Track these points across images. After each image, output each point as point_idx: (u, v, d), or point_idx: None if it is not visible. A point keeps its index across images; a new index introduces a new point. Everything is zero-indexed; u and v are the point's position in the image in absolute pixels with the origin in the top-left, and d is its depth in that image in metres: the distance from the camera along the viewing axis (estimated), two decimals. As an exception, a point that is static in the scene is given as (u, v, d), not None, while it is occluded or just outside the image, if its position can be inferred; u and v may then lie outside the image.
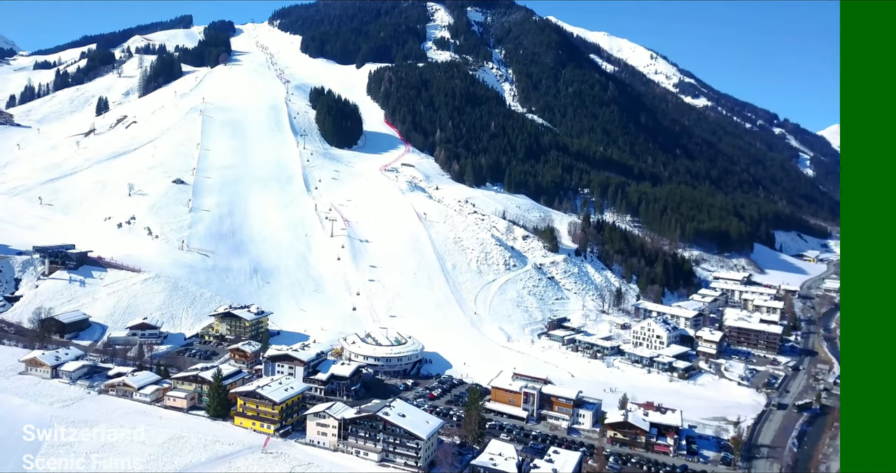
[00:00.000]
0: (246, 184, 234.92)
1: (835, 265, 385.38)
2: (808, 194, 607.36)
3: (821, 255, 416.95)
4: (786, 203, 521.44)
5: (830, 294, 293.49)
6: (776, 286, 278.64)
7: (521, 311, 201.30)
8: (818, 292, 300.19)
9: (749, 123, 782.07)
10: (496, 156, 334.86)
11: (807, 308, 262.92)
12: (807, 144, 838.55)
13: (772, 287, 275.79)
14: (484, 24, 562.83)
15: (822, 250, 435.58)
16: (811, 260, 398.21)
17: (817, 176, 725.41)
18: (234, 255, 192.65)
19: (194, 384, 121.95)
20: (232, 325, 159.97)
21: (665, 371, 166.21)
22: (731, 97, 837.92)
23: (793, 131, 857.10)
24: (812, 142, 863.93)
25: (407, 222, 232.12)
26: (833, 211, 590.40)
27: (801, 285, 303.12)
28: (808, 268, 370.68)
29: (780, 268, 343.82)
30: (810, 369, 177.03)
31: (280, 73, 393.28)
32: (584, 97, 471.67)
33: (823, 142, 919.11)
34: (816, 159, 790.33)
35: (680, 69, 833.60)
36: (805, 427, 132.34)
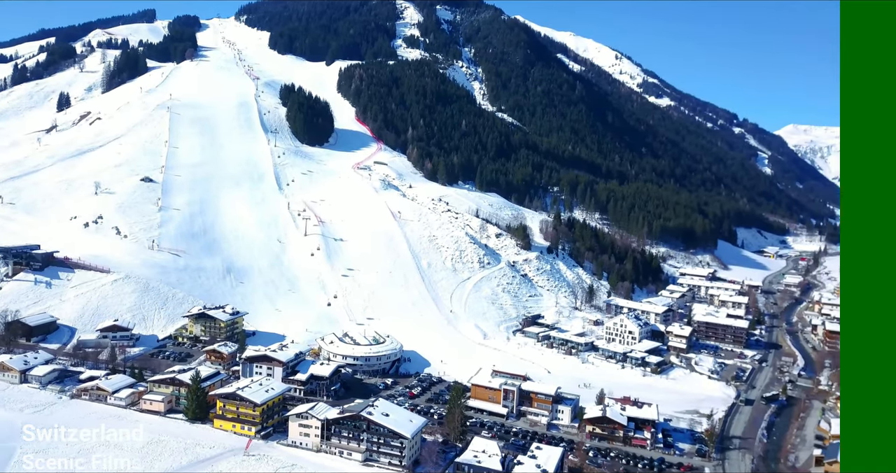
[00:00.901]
0: (217, 183, 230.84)
1: (793, 260, 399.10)
2: (766, 192, 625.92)
3: (780, 251, 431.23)
4: (746, 201, 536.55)
5: (791, 289, 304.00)
6: (740, 281, 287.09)
7: (496, 309, 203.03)
8: (779, 287, 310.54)
9: (710, 123, 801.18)
10: (468, 154, 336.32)
11: (769, 302, 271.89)
12: (765, 143, 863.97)
13: (736, 282, 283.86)
14: (453, 22, 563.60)
15: (780, 246, 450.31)
16: (771, 257, 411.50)
17: (775, 174, 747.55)
18: (206, 255, 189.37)
19: (171, 386, 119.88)
20: (206, 326, 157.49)
21: (638, 366, 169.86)
22: (693, 97, 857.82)
23: (751, 131, 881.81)
24: (770, 142, 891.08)
25: (381, 220, 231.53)
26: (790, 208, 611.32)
27: (762, 280, 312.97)
28: (768, 264, 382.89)
29: (743, 264, 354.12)
30: (775, 362, 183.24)
31: (249, 69, 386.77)
32: (553, 96, 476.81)
33: (780, 142, 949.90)
34: (774, 158, 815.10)
35: (644, 69, 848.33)
36: (773, 418, 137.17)
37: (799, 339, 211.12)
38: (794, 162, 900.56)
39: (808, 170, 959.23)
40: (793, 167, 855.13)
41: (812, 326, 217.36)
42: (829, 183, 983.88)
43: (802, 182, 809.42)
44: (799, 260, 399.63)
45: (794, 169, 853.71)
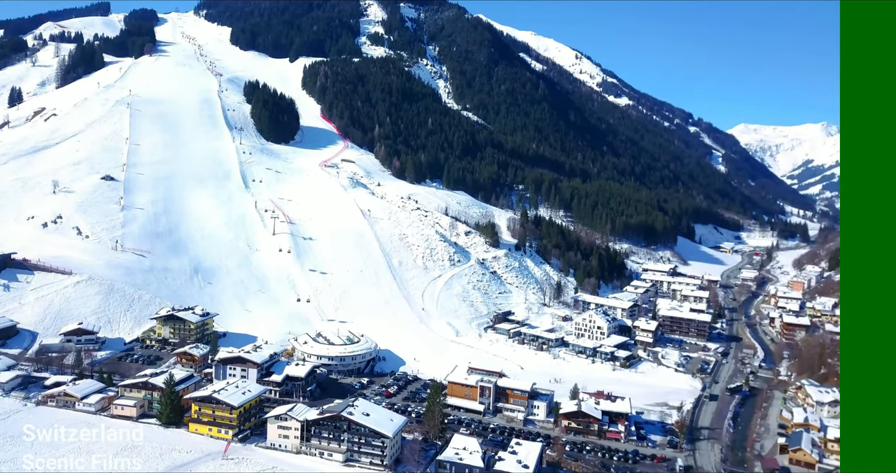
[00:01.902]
0: (181, 181, 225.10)
1: (748, 256, 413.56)
2: (721, 189, 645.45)
3: (735, 247, 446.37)
4: (703, 198, 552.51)
5: (748, 283, 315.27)
6: (700, 276, 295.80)
7: (467, 306, 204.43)
8: (736, 282, 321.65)
9: (667, 122, 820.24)
10: (434, 152, 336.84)
11: (728, 296, 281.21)
12: (718, 142, 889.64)
13: (696, 277, 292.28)
14: (417, 20, 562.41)
15: (736, 242, 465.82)
16: (727, 252, 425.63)
17: (729, 172, 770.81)
18: (172, 255, 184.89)
19: (144, 391, 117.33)
20: (176, 328, 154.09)
21: (608, 360, 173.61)
22: (651, 96, 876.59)
23: (706, 130, 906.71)
24: (723, 141, 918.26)
25: (351, 219, 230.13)
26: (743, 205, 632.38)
27: (721, 275, 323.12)
28: (725, 259, 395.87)
29: (701, 260, 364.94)
30: (737, 354, 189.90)
31: (211, 65, 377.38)
32: (517, 95, 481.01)
33: (733, 141, 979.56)
34: (727, 156, 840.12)
35: (603, 69, 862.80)
36: (738, 408, 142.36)
37: (758, 332, 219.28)
38: (746, 160, 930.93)
39: (759, 167, 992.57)
40: (745, 165, 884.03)
41: (770, 319, 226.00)
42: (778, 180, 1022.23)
43: (754, 179, 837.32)
44: (753, 255, 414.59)
45: (747, 167, 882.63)
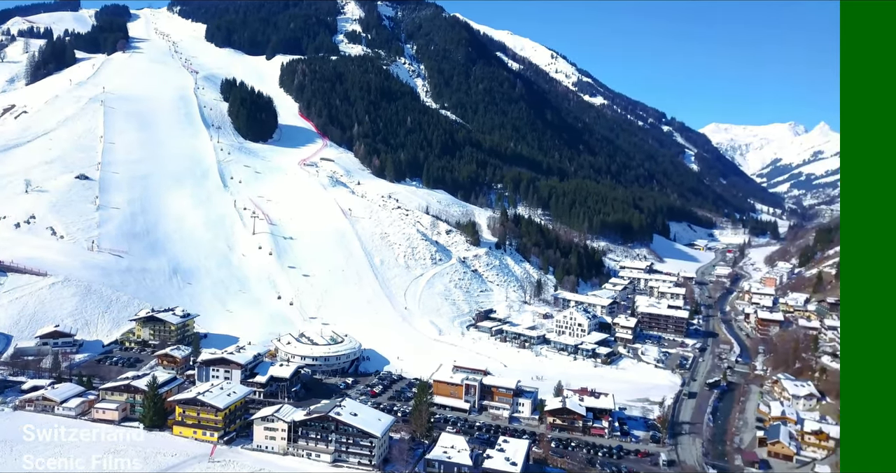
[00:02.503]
0: (158, 180, 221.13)
1: (721, 252, 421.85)
2: (694, 187, 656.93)
3: (709, 244, 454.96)
4: (676, 196, 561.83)
5: (722, 279, 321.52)
6: (676, 273, 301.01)
7: (450, 304, 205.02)
8: (711, 278, 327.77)
9: (641, 121, 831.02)
10: (414, 151, 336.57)
11: (703, 293, 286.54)
12: (691, 141, 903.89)
13: (672, 274, 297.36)
14: (395, 19, 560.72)
15: (709, 239, 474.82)
16: (701, 249, 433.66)
17: (701, 170, 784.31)
18: (150, 255, 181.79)
19: (126, 394, 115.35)
20: (156, 330, 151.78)
21: (589, 357, 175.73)
22: (625, 96, 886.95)
23: (679, 129, 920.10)
24: (695, 140, 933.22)
25: (332, 218, 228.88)
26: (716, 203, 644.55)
27: (696, 272, 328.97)
28: (699, 256, 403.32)
29: (676, 257, 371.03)
30: (714, 349, 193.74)
31: (186, 62, 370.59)
32: (494, 94, 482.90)
33: (705, 140, 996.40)
34: (700, 155, 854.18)
35: (578, 69, 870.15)
36: (717, 403, 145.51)
37: (733, 327, 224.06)
38: (717, 159, 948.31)
39: (730, 166, 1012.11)
40: (716, 164, 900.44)
41: (745, 315, 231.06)
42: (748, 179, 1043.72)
43: (725, 178, 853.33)
44: (726, 252, 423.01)
45: (718, 165, 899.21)
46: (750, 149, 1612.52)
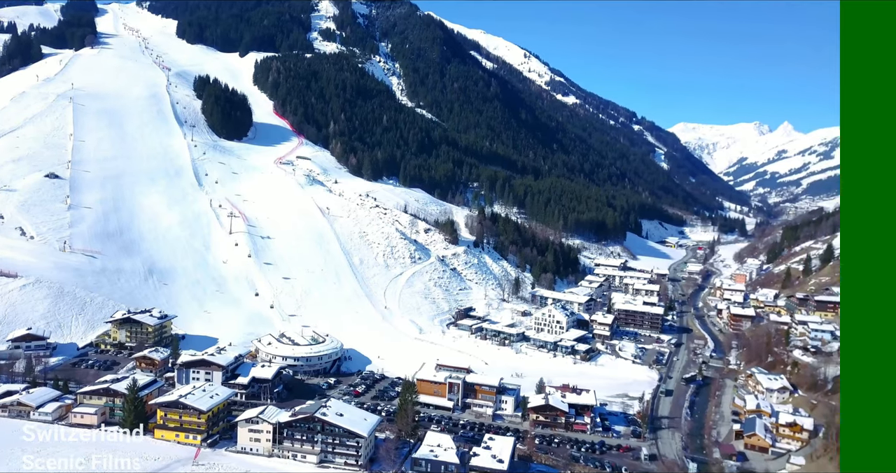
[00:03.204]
0: (131, 179, 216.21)
1: (692, 250, 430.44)
2: (664, 186, 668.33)
3: (680, 241, 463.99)
4: (648, 194, 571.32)
5: (694, 276, 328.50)
6: (649, 270, 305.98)
7: (429, 303, 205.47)
8: (683, 275, 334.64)
9: (613, 120, 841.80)
10: (390, 150, 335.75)
11: (676, 290, 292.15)
12: (661, 140, 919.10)
13: (645, 271, 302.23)
14: (369, 16, 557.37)
15: (680, 237, 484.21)
16: (672, 246, 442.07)
17: (671, 169, 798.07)
18: (124, 256, 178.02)
19: (105, 397, 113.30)
20: (132, 331, 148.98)
21: (568, 354, 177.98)
22: (597, 96, 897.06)
23: (649, 128, 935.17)
24: (665, 139, 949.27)
25: (309, 217, 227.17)
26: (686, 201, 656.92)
27: (668, 268, 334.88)
28: (671, 253, 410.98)
29: (649, 254, 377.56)
30: (688, 345, 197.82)
31: (158, 59, 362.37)
32: (469, 93, 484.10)
33: (674, 139, 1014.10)
34: (669, 154, 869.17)
35: (551, 68, 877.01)
36: (693, 397, 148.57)
37: (706, 323, 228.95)
38: (686, 158, 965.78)
39: (699, 165, 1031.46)
40: (686, 162, 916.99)
41: (717, 310, 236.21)
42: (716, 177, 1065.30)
43: (694, 176, 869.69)
44: (697, 249, 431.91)
45: (687, 164, 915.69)
46: (717, 148, 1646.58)
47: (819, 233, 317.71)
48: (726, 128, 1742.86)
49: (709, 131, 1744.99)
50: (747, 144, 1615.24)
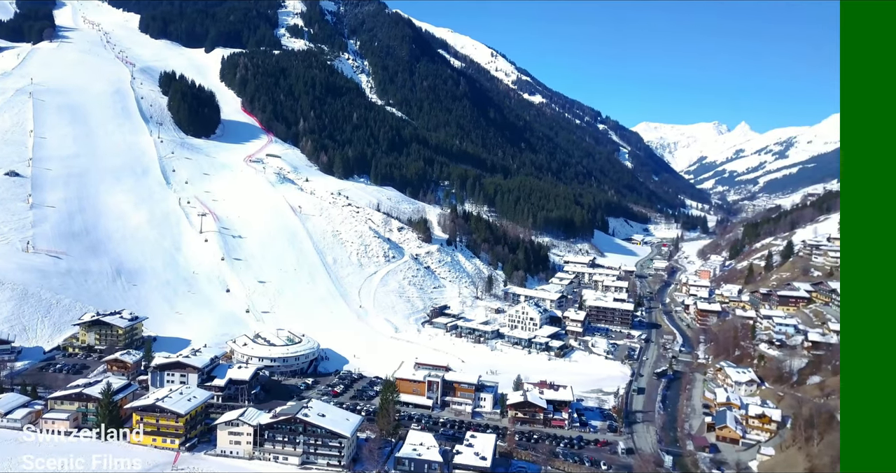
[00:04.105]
0: (95, 177, 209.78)
1: (657, 246, 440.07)
2: (629, 184, 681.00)
3: (645, 238, 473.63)
4: (614, 192, 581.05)
5: (660, 272, 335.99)
6: (617, 267, 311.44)
7: (404, 301, 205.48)
8: (650, 271, 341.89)
9: (578, 119, 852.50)
10: (361, 148, 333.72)
11: (644, 286, 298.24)
12: (625, 139, 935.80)
13: (613, 268, 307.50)
14: (337, 13, 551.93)
15: (645, 234, 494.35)
16: (638, 243, 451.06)
17: (635, 167, 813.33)
18: (91, 256, 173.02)
19: (77, 402, 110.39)
20: (102, 334, 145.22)
21: (543, 350, 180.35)
22: (562, 95, 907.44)
23: (613, 127, 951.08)
24: (629, 138, 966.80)
25: (281, 216, 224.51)
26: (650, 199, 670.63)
27: (635, 265, 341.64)
28: (637, 250, 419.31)
29: (616, 251, 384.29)
30: (658, 340, 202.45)
31: (122, 54, 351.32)
32: (438, 91, 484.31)
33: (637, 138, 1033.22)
34: (633, 153, 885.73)
35: (517, 67, 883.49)
36: (665, 391, 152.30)
37: (674, 318, 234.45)
38: (649, 156, 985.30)
39: (661, 163, 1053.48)
40: (649, 161, 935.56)
41: (685, 306, 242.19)
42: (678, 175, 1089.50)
43: (657, 175, 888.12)
44: (661, 246, 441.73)
45: (650, 163, 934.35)
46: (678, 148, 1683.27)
47: (778, 230, 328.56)
48: (687, 128, 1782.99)
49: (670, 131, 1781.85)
50: (707, 143, 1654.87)
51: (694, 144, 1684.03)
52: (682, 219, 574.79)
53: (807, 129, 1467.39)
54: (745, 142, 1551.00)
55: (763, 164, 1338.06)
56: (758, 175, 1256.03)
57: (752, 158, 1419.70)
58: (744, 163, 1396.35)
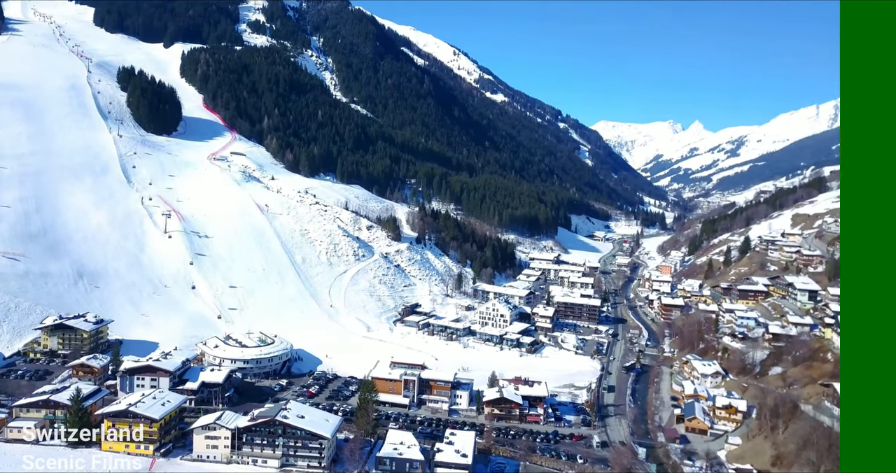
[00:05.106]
0: (53, 176, 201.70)
1: (618, 243, 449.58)
2: (590, 182, 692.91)
3: (607, 235, 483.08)
4: (575, 190, 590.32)
5: (623, 268, 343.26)
6: (581, 263, 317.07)
7: (375, 300, 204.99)
8: (613, 267, 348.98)
9: (539, 118, 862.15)
10: (326, 145, 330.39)
11: (608, 281, 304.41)
12: (585, 138, 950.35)
13: (577, 264, 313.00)
14: (299, 10, 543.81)
15: (606, 231, 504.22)
16: (600, 240, 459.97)
17: (595, 165, 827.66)
18: (50, 258, 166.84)
19: (45, 410, 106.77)
20: (65, 338, 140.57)
21: (514, 347, 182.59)
22: (524, 94, 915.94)
23: (573, 126, 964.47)
24: (589, 136, 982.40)
25: (248, 215, 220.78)
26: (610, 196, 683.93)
27: (598, 261, 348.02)
28: (599, 246, 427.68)
29: (579, 248, 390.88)
30: (625, 335, 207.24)
31: (76, 48, 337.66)
32: (403, 89, 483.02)
33: (597, 136, 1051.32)
34: (593, 151, 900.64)
35: (479, 66, 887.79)
36: (634, 385, 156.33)
37: (639, 313, 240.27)
38: (608, 155, 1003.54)
39: (620, 161, 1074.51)
40: (608, 159, 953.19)
41: (649, 301, 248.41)
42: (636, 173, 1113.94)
43: (616, 172, 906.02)
44: (623, 242, 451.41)
45: (609, 161, 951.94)
46: (635, 146, 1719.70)
47: (734, 227, 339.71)
48: (643, 127, 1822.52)
49: (627, 129, 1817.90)
50: (663, 142, 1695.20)
51: (650, 143, 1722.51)
52: (641, 216, 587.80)
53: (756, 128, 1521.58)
54: (698, 141, 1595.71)
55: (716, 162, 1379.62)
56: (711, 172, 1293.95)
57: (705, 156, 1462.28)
58: (698, 161, 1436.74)
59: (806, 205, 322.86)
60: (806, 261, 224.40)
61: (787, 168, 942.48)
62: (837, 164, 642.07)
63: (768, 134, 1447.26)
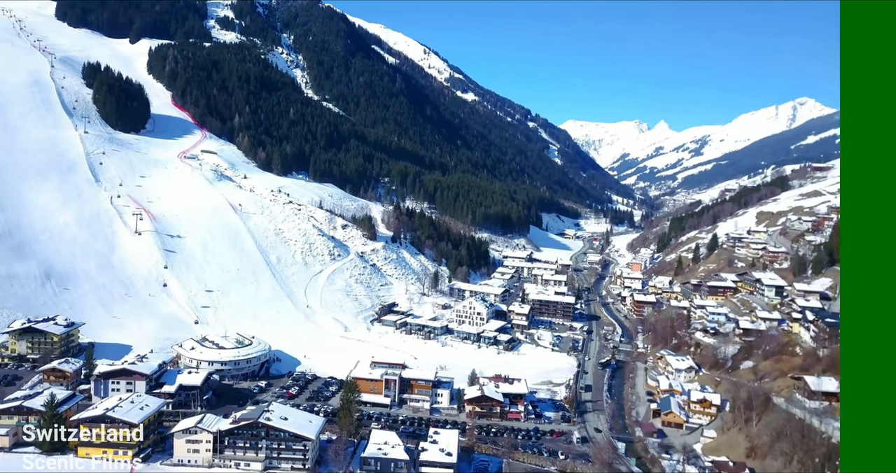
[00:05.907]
0: (16, 174, 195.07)
1: (588, 240, 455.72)
2: (560, 180, 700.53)
3: (577, 233, 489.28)
4: (545, 188, 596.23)
5: (594, 266, 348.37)
6: (554, 261, 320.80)
7: (352, 300, 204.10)
8: (585, 265, 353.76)
9: (509, 117, 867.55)
10: (299, 144, 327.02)
11: (580, 279, 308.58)
12: (554, 137, 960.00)
13: (550, 262, 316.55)
14: (269, 6, 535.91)
15: (576, 229, 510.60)
16: (571, 238, 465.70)
17: (564, 164, 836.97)
18: (16, 259, 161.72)
19: (16, 416, 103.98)
20: (35, 342, 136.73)
21: (491, 344, 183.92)
22: (494, 93, 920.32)
23: (543, 125, 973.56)
24: (558, 135, 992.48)
25: (221, 214, 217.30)
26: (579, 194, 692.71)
27: (570, 259, 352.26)
28: (570, 244, 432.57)
29: (550, 246, 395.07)
30: (599, 331, 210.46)
31: (38, 42, 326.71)
32: (375, 88, 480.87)
33: (566, 135, 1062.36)
34: (562, 150, 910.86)
35: (450, 65, 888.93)
36: (610, 381, 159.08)
37: (612, 309, 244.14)
38: (577, 153, 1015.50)
39: (588, 160, 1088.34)
40: (577, 158, 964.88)
41: (621, 298, 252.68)
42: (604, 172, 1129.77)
43: (585, 171, 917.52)
44: (593, 240, 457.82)
45: (578, 160, 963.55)
46: (603, 145, 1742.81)
47: (702, 224, 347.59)
48: (610, 126, 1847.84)
49: (595, 128, 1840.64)
50: (629, 141, 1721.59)
51: (617, 142, 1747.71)
52: (610, 214, 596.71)
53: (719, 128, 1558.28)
54: (664, 140, 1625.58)
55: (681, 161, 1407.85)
56: (676, 171, 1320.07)
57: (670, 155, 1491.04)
58: (663, 160, 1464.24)
59: (769, 203, 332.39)
60: (772, 258, 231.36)
61: (749, 167, 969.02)
62: (796, 164, 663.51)
63: (731, 133, 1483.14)
